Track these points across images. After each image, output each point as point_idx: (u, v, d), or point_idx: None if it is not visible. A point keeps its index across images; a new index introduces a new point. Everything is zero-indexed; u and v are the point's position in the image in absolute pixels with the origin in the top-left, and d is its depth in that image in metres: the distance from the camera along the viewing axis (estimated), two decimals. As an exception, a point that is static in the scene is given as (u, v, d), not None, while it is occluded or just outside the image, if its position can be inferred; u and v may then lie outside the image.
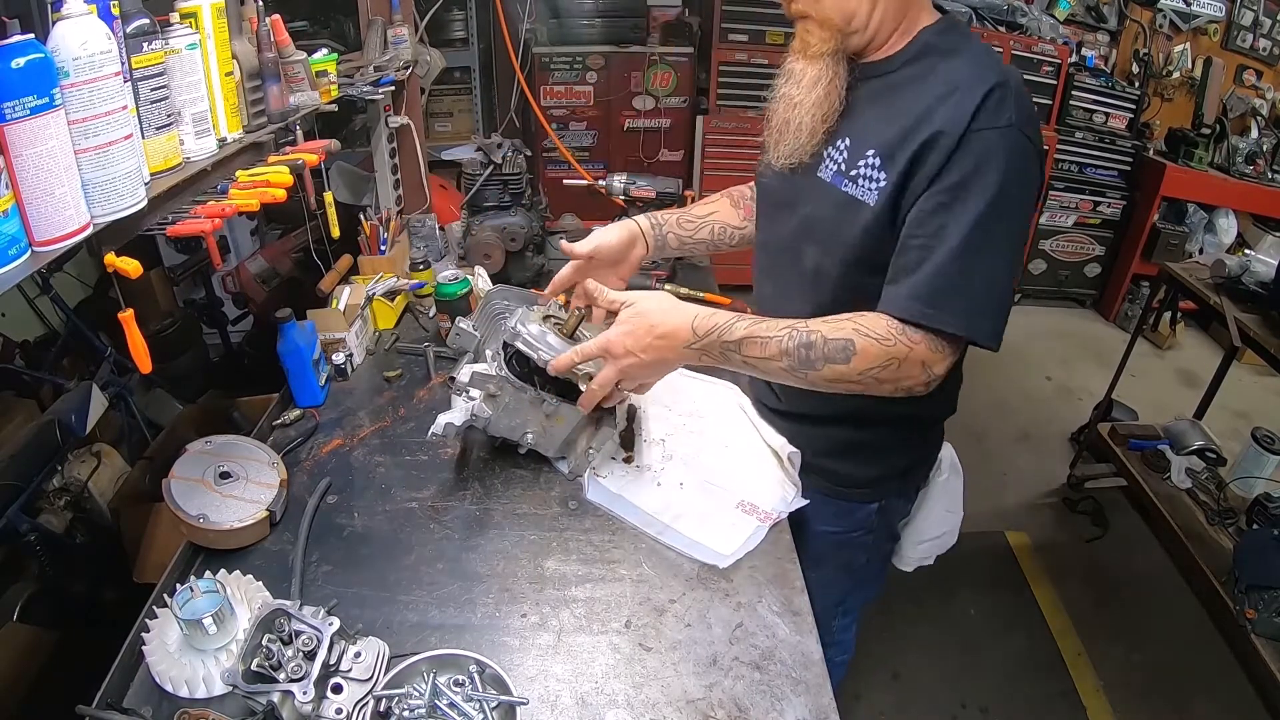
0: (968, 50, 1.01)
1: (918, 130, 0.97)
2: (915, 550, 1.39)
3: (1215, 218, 4.08)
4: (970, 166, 0.94)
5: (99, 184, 0.78)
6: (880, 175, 1.01)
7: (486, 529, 1.16)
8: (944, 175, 0.95)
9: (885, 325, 0.99)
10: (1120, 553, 2.71)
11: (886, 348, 0.98)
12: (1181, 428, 2.75)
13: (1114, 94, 4.01)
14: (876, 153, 1.01)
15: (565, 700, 0.91)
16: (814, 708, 0.91)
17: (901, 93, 1.02)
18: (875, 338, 0.98)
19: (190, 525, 1.07)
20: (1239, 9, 4.03)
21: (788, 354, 1.00)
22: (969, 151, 0.93)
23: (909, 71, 1.03)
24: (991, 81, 0.94)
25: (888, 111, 1.02)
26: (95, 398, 1.87)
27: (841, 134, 1.07)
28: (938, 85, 0.98)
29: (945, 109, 0.95)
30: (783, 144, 1.11)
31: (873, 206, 1.02)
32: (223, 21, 1.03)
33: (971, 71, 0.97)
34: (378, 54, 1.72)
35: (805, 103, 1.06)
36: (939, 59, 1.01)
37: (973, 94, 0.93)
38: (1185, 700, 2.17)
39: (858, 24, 1.02)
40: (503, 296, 1.36)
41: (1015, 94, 0.95)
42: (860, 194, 1.03)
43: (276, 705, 0.80)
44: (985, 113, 0.93)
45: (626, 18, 3.71)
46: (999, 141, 0.93)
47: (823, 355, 0.99)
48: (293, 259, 2.71)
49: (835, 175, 1.07)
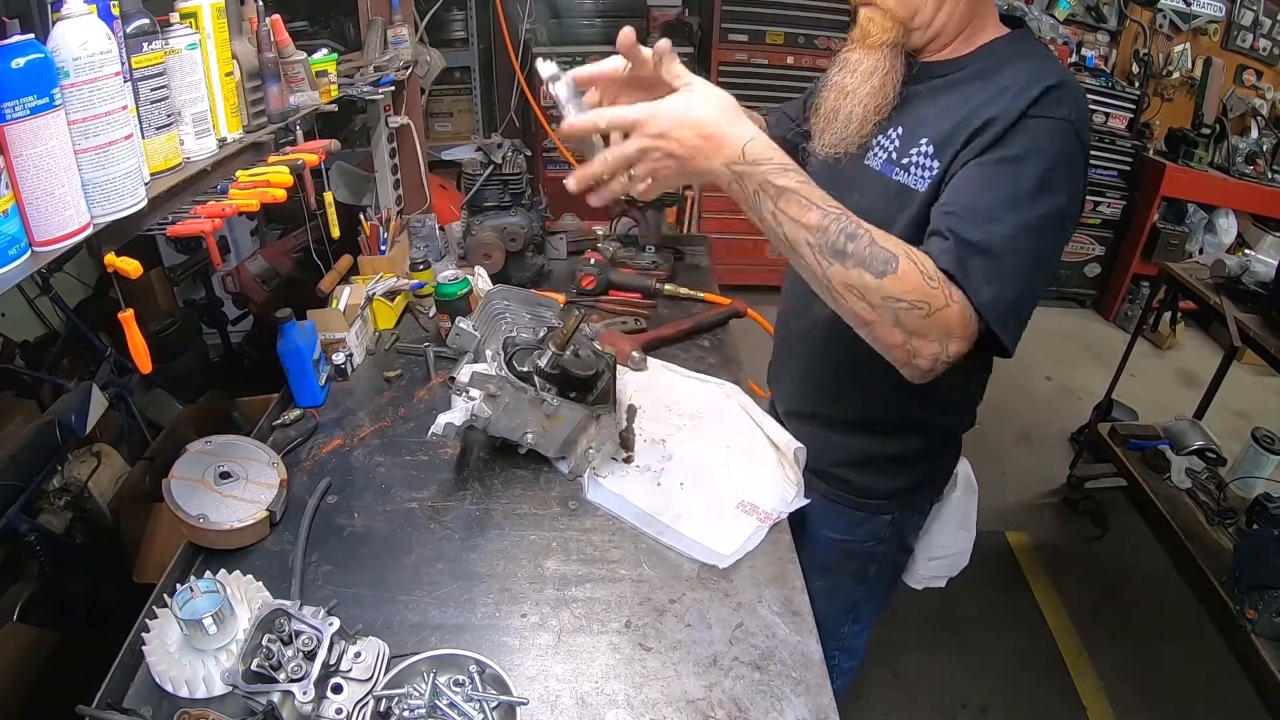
0: (1034, 58, 1.00)
1: (972, 118, 0.96)
2: (926, 567, 1.37)
3: (1215, 218, 4.08)
4: (1022, 145, 0.92)
5: (99, 184, 0.78)
6: (933, 164, 1.00)
7: (486, 529, 1.16)
8: (993, 149, 0.93)
9: (934, 267, 0.88)
10: (1120, 553, 2.71)
11: (930, 287, 0.86)
12: (1181, 428, 2.75)
13: (1114, 94, 4.01)
14: (930, 141, 1.00)
15: (565, 700, 0.91)
16: (814, 708, 0.91)
17: (961, 91, 1.01)
18: (924, 272, 0.86)
19: (190, 525, 1.07)
20: (1239, 9, 4.03)
21: (824, 231, 0.85)
22: (1022, 133, 0.92)
23: (971, 72, 1.02)
24: (1053, 80, 0.93)
25: (945, 106, 1.01)
26: (95, 398, 1.87)
27: (894, 124, 1.06)
28: (999, 83, 0.97)
29: (1002, 99, 0.94)
30: (829, 132, 1.09)
31: (922, 193, 1.00)
32: (223, 21, 1.03)
33: (1033, 72, 0.96)
34: (378, 54, 1.72)
35: (859, 92, 1.04)
36: (1003, 65, 0.99)
37: (1032, 88, 0.92)
38: (1185, 700, 2.17)
39: (921, 20, 1.01)
40: (503, 296, 1.36)
41: (1075, 96, 0.94)
42: (912, 182, 1.02)
43: (276, 705, 0.80)
44: (1043, 104, 0.92)
45: (626, 18, 3.70)
46: (1054, 130, 0.92)
47: (859, 256, 0.84)
48: (293, 259, 2.71)
49: (885, 164, 1.06)
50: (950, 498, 1.33)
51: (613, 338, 1.54)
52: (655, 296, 1.82)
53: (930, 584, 1.38)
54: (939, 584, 1.38)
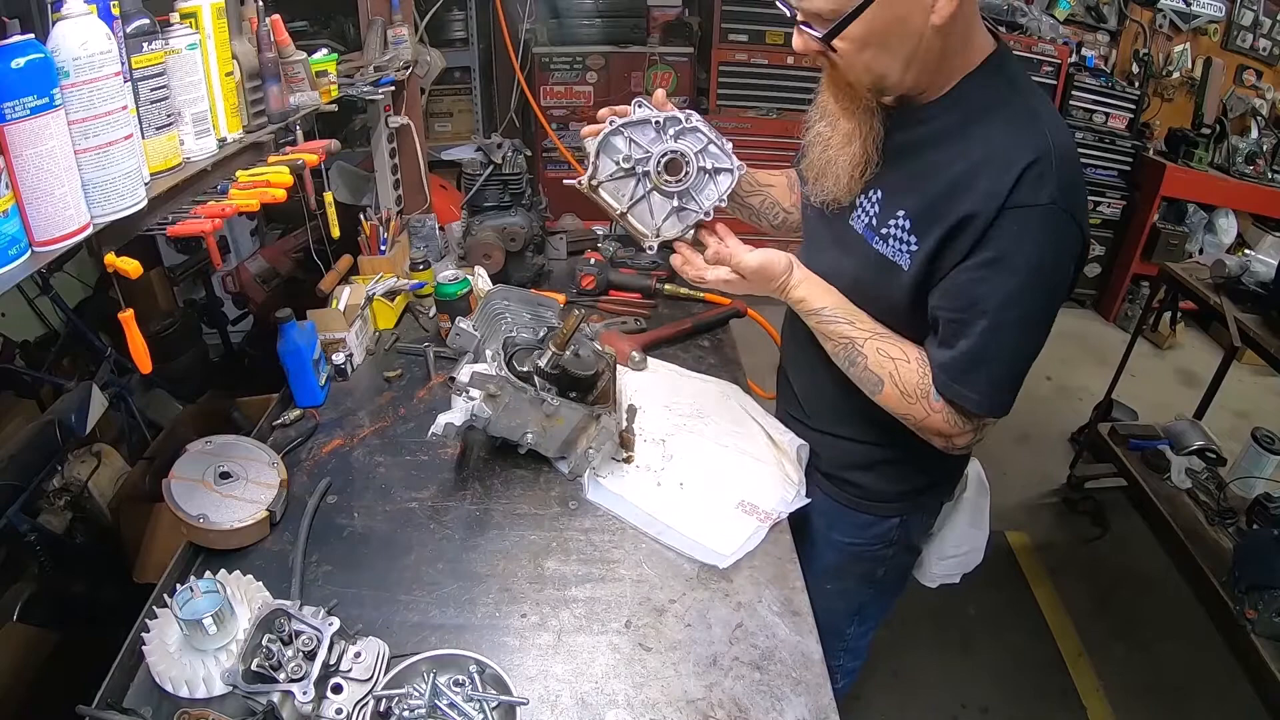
0: (1008, 109, 0.93)
1: (950, 204, 0.92)
2: (939, 566, 1.36)
3: (1215, 218, 4.08)
4: (1004, 245, 0.90)
5: (99, 184, 0.78)
6: (911, 239, 0.98)
7: (486, 529, 1.16)
8: (976, 251, 0.92)
9: (917, 382, 1.01)
10: (1120, 553, 2.71)
11: (909, 404, 1.02)
12: (1181, 428, 2.75)
13: (1114, 94, 4.01)
14: (906, 215, 0.98)
15: (565, 700, 0.91)
16: (814, 708, 0.91)
17: (933, 150, 0.96)
18: (902, 391, 1.02)
19: (190, 525, 1.07)
20: (1239, 9, 4.02)
21: (838, 348, 1.07)
22: (1003, 230, 0.89)
23: (942, 125, 0.96)
24: (1030, 155, 0.87)
25: (918, 171, 0.97)
26: (95, 398, 1.87)
27: (874, 185, 1.04)
28: (973, 151, 0.92)
29: (979, 183, 0.90)
30: (820, 185, 1.08)
31: (908, 271, 0.99)
32: (223, 21, 1.03)
33: (1009, 140, 0.90)
34: (378, 54, 1.72)
35: (840, 157, 1.02)
36: (976, 117, 0.93)
37: (1009, 169, 0.88)
38: (1185, 700, 2.17)
39: (890, 85, 0.94)
40: (503, 296, 1.36)
41: (1058, 166, 0.88)
42: (893, 255, 1.01)
43: (276, 705, 0.80)
44: (1023, 188, 0.87)
45: (626, 18, 3.71)
46: (1036, 220, 0.88)
47: (858, 378, 1.06)
48: (293, 259, 2.70)
49: (867, 229, 1.05)
50: (962, 498, 1.31)
51: (613, 338, 1.54)
52: (655, 296, 1.82)
53: (944, 580, 1.38)
54: (953, 580, 1.38)
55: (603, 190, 1.12)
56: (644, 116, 1.09)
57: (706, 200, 1.13)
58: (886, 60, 0.91)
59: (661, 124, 1.09)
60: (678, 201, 1.12)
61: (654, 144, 1.10)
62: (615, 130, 1.09)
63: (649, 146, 1.10)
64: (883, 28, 0.88)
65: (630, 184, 1.12)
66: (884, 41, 0.89)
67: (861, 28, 0.88)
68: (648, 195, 1.12)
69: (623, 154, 1.10)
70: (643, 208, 1.13)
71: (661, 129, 1.09)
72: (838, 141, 1.02)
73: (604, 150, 1.11)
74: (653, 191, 1.12)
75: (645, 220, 1.14)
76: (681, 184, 1.10)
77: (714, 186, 1.12)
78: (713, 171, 1.11)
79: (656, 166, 1.10)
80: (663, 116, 1.09)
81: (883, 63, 0.91)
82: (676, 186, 1.10)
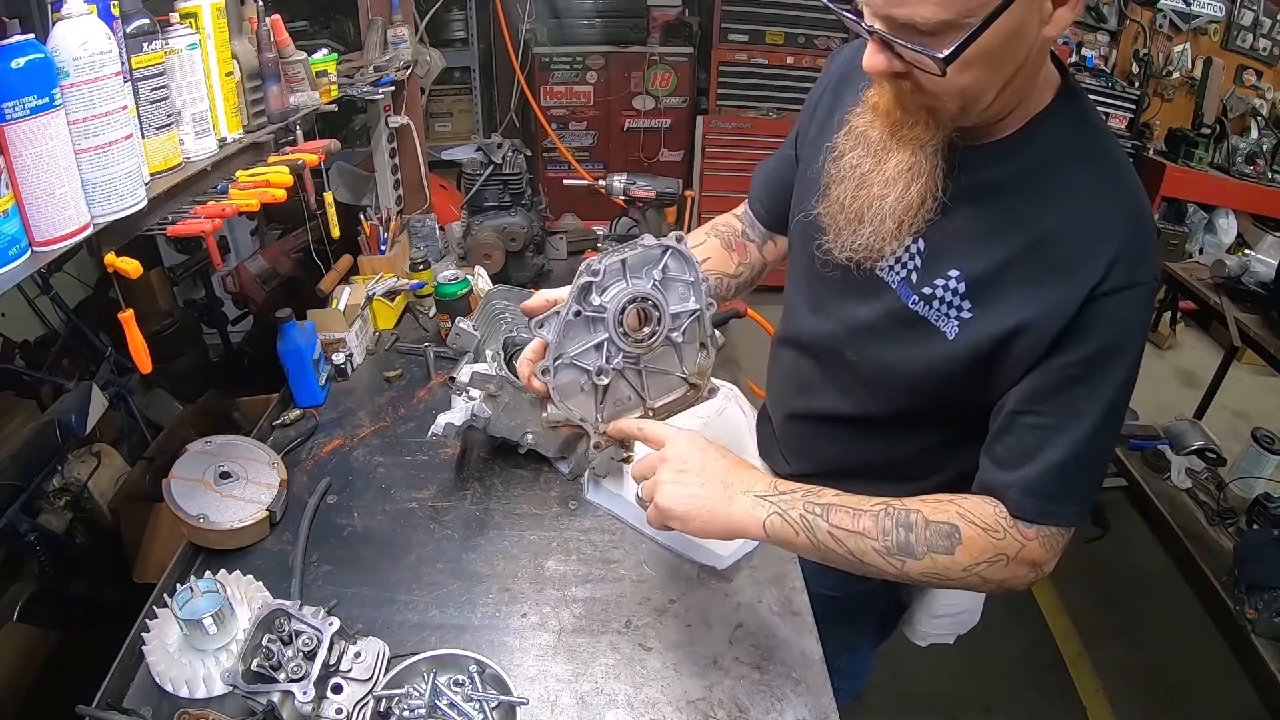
0: (1091, 159, 0.79)
1: (1027, 274, 0.78)
2: (930, 624, 1.22)
3: (1215, 218, 4.08)
4: (1109, 336, 0.76)
5: (99, 184, 0.78)
6: (965, 305, 0.82)
7: (486, 529, 1.16)
8: (1073, 343, 0.77)
9: (993, 513, 0.82)
10: (1120, 553, 2.71)
11: (995, 541, 0.81)
12: (1181, 428, 2.75)
13: (1114, 94, 4.01)
14: (962, 278, 0.82)
15: (565, 700, 0.91)
16: (814, 708, 0.91)
17: (1006, 200, 0.80)
18: (984, 527, 0.81)
19: (190, 525, 1.07)
20: (1239, 9, 4.02)
21: (885, 533, 0.81)
22: (1105, 318, 0.75)
23: (1018, 168, 0.79)
24: (1127, 225, 0.75)
25: (984, 223, 0.81)
26: (95, 398, 1.87)
27: (918, 232, 0.84)
28: (1056, 209, 0.77)
29: (1070, 257, 0.76)
30: (856, 232, 0.87)
31: (952, 341, 0.83)
32: (223, 21, 1.03)
33: (1098, 202, 0.76)
34: (378, 54, 1.72)
35: (888, 198, 0.83)
36: (1059, 165, 0.78)
37: (1105, 243, 0.74)
38: (1185, 700, 2.16)
39: (979, 109, 0.75)
40: (503, 296, 1.36)
41: (1151, 240, 0.76)
42: (935, 318, 0.84)
43: (276, 705, 0.80)
44: (1118, 272, 0.74)
45: (626, 18, 3.71)
46: (1140, 302, 0.76)
47: (924, 541, 0.81)
48: (293, 259, 2.71)
49: (902, 284, 0.87)
50: None
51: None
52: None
53: (936, 641, 1.24)
54: (947, 641, 1.25)
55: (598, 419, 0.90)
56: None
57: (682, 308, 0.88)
58: (991, 79, 0.72)
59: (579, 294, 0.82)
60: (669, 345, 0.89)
61: (594, 330, 0.85)
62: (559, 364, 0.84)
63: (593, 332, 0.85)
64: (1000, 41, 0.68)
65: (616, 384, 0.89)
66: (995, 58, 0.70)
67: (980, 43, 0.68)
68: (642, 366, 0.89)
69: (577, 373, 0.86)
70: (652, 380, 0.91)
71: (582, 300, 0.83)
72: (885, 179, 0.83)
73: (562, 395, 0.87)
74: (640, 360, 0.88)
75: (671, 383, 0.93)
76: (659, 332, 0.86)
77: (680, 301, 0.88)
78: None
79: (619, 332, 0.84)
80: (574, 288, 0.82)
81: (985, 82, 0.72)
82: (655, 339, 0.86)
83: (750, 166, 1.32)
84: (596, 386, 0.86)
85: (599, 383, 0.86)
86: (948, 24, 0.67)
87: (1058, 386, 0.79)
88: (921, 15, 0.67)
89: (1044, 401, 0.80)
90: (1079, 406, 0.78)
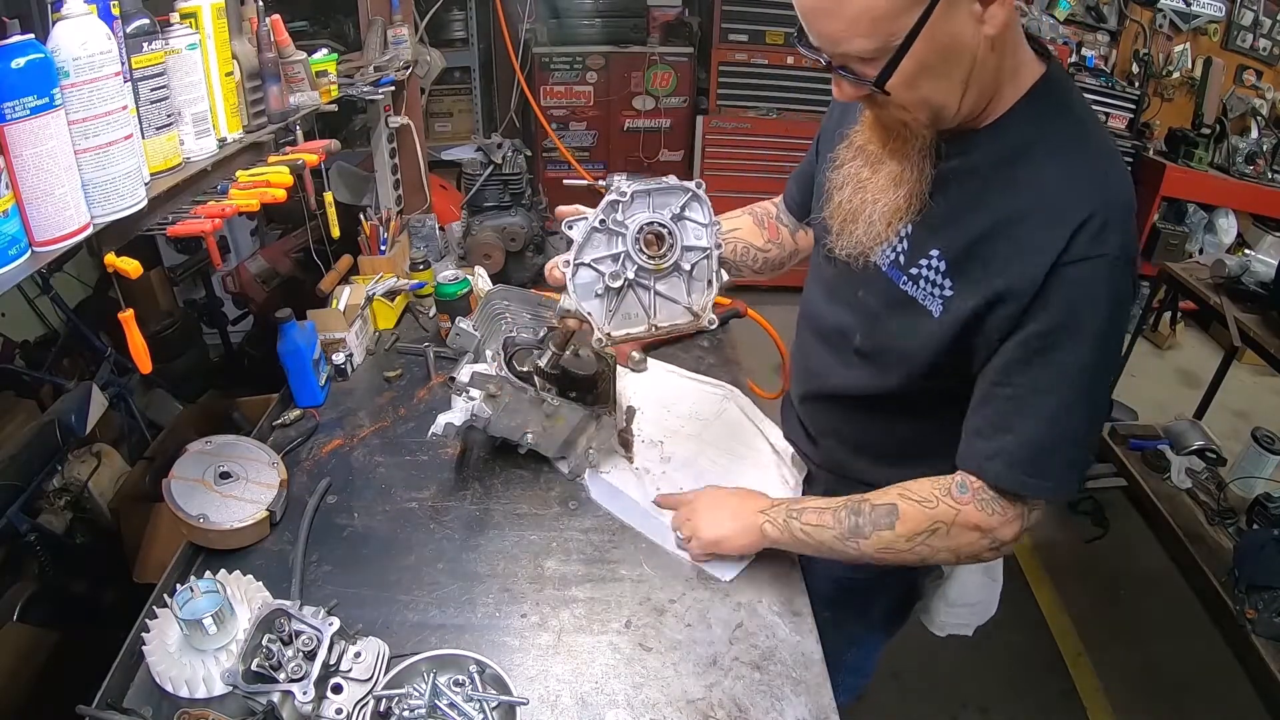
0: (1061, 143, 0.83)
1: (994, 248, 0.83)
2: (948, 615, 1.27)
3: (1215, 218, 4.07)
4: (1064, 309, 0.80)
5: (99, 184, 0.78)
6: (946, 283, 0.88)
7: (486, 529, 1.16)
8: (1033, 317, 0.82)
9: (929, 487, 0.93)
10: (1120, 553, 2.71)
11: (929, 510, 0.92)
12: (1181, 428, 2.75)
13: (1114, 94, 4.01)
14: (941, 255, 0.88)
15: (565, 700, 0.91)
16: (814, 708, 0.91)
17: (978, 185, 0.86)
18: (918, 500, 0.93)
19: (190, 525, 1.07)
20: (1239, 9, 4.02)
21: (840, 522, 0.97)
22: (1063, 291, 0.80)
23: (984, 156, 0.86)
24: (1088, 205, 0.78)
25: (959, 206, 0.87)
26: (95, 398, 1.87)
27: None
28: (1021, 192, 0.82)
29: (1031, 234, 0.81)
30: (849, 235, 0.97)
31: (938, 318, 0.89)
32: (223, 21, 1.03)
33: (1063, 183, 0.81)
34: (378, 54, 1.72)
35: (880, 203, 0.92)
36: (1025, 151, 0.83)
37: (1063, 219, 0.79)
38: (1185, 700, 2.16)
39: (949, 114, 0.82)
40: (503, 296, 1.36)
41: (1120, 216, 0.79)
42: (921, 297, 0.91)
43: (276, 705, 0.80)
44: (1080, 242, 0.78)
45: (626, 18, 3.71)
46: (1097, 275, 0.79)
47: (870, 521, 0.95)
48: (293, 259, 2.71)
49: (891, 266, 0.95)
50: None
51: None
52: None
53: (955, 631, 1.28)
54: (965, 632, 1.28)
55: (617, 327, 1.01)
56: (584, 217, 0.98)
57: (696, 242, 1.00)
58: (945, 88, 0.79)
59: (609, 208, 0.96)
60: (679, 274, 1.00)
61: (614, 244, 0.98)
62: (579, 263, 0.98)
63: (613, 245, 0.98)
64: (936, 53, 0.75)
65: (626, 296, 0.99)
66: (938, 68, 0.77)
67: (913, 60, 0.75)
68: (652, 285, 1.00)
69: (595, 276, 0.98)
70: (660, 302, 1.01)
71: (610, 215, 0.97)
72: (879, 185, 0.92)
73: (578, 294, 0.99)
74: (651, 279, 0.99)
75: (675, 310, 1.02)
76: (670, 255, 0.97)
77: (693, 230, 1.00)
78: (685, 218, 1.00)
79: (636, 248, 0.96)
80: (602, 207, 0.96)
81: (941, 92, 0.79)
82: (666, 260, 0.97)
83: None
84: (609, 289, 0.97)
85: (612, 285, 0.97)
86: (880, 50, 0.75)
87: (1027, 357, 0.84)
88: (855, 47, 0.76)
89: (1016, 372, 0.85)
90: (1046, 377, 0.83)
